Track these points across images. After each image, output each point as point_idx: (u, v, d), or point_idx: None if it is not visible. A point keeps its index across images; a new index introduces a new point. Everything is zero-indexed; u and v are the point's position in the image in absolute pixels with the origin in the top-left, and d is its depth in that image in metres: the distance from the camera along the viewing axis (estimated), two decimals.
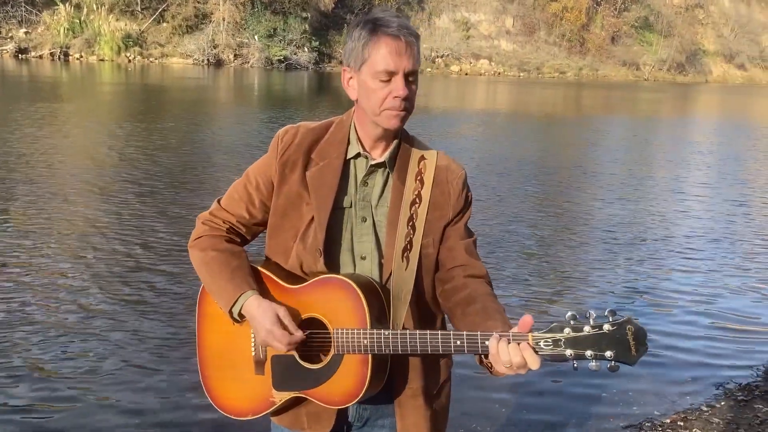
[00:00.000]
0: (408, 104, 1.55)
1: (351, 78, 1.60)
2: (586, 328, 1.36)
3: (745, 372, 4.38)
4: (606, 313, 1.37)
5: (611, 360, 1.35)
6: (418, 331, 1.48)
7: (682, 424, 3.67)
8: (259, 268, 1.65)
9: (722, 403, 3.93)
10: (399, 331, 1.49)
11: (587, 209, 8.89)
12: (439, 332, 1.47)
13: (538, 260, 6.49)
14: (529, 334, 1.38)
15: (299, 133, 1.66)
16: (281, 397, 1.61)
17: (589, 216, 8.49)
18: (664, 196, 10.01)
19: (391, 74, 1.51)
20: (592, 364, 1.37)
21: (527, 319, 1.39)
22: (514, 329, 1.41)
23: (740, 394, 4.05)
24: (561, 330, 1.37)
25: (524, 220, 8.03)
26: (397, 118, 1.55)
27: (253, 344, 1.63)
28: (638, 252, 6.95)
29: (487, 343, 1.41)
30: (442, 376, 1.71)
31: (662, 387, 4.12)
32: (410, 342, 1.48)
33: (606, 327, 1.35)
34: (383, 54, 1.51)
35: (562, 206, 8.96)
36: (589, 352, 1.36)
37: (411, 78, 1.54)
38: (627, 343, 1.35)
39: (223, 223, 1.69)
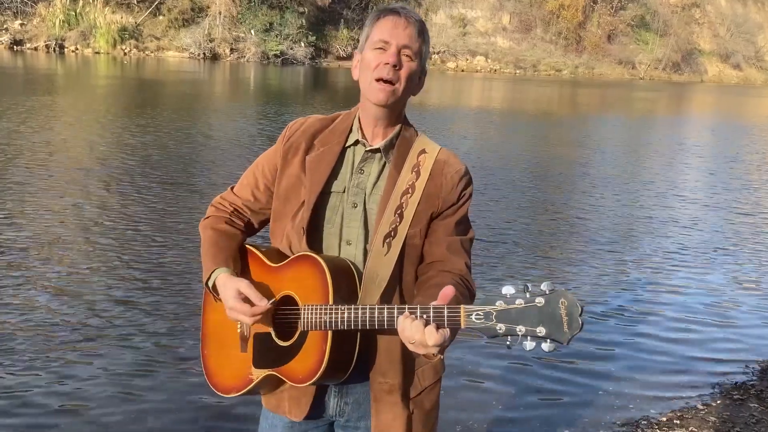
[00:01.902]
0: (396, 77, 1.58)
1: (358, 61, 1.67)
2: (518, 301, 1.30)
3: (741, 371, 4.41)
4: (542, 287, 1.29)
5: (543, 337, 1.27)
6: (361, 306, 1.49)
7: (678, 422, 3.68)
8: (252, 248, 1.73)
9: (718, 402, 3.95)
10: (352, 306, 1.49)
11: (583, 209, 8.90)
12: (368, 306, 1.48)
13: (531, 258, 6.49)
14: (461, 306, 1.35)
15: (307, 122, 1.74)
16: (258, 374, 1.64)
17: (585, 216, 8.51)
18: (660, 194, 10.03)
19: (386, 44, 1.58)
20: (527, 344, 1.29)
21: (447, 291, 1.38)
22: (435, 302, 1.39)
23: (736, 393, 4.07)
24: (493, 303, 1.32)
25: (518, 219, 8.04)
26: (383, 92, 1.58)
27: (239, 322, 1.67)
28: (634, 251, 6.96)
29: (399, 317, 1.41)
30: (426, 379, 1.69)
31: (658, 385, 4.14)
32: (356, 315, 1.48)
33: (538, 300, 1.28)
34: (381, 28, 1.61)
35: (557, 206, 8.97)
36: (520, 328, 1.29)
37: (406, 53, 1.59)
38: (559, 319, 1.26)
39: (229, 205, 1.79)
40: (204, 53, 34.38)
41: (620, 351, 4.55)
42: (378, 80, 1.58)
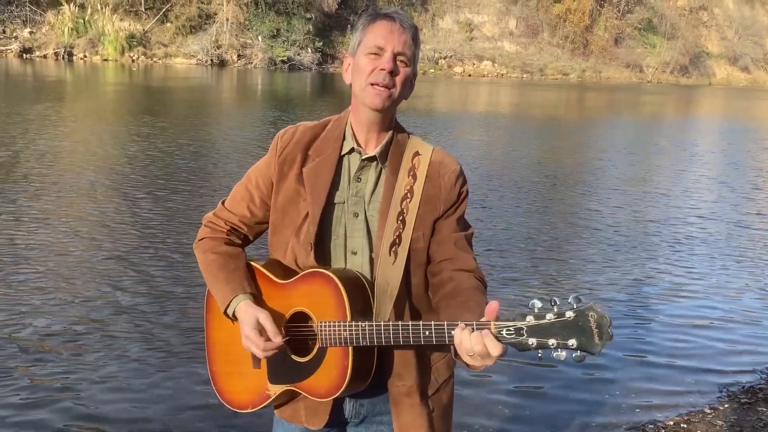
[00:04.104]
0: (392, 83, 1.58)
1: (349, 65, 1.66)
2: (549, 316, 1.33)
3: (749, 375, 4.37)
4: (570, 300, 1.33)
5: (575, 349, 1.31)
6: (391, 323, 1.49)
7: (685, 426, 3.66)
8: (256, 265, 1.69)
9: (726, 406, 3.92)
10: (375, 323, 1.50)
11: (590, 212, 8.87)
12: (410, 323, 1.48)
13: (540, 258, 6.48)
14: (492, 322, 1.36)
15: (298, 132, 1.71)
16: (275, 390, 1.64)
17: (592, 219, 8.48)
18: (669, 199, 9.99)
19: (380, 50, 1.57)
20: (558, 354, 1.33)
21: (493, 305, 1.38)
22: (483, 318, 1.40)
23: (744, 397, 4.05)
24: (523, 318, 1.34)
25: (525, 222, 8.03)
26: (379, 96, 1.57)
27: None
28: (642, 255, 6.93)
29: (452, 332, 1.41)
30: (441, 375, 1.71)
31: (665, 389, 4.11)
32: (384, 333, 1.49)
33: (568, 314, 1.32)
34: (376, 32, 1.59)
35: (565, 209, 8.95)
36: (552, 341, 1.32)
37: (401, 59, 1.59)
38: (590, 332, 1.30)
39: (225, 224, 1.75)
40: (211, 60, 34.56)
41: (627, 354, 4.53)
42: (373, 84, 1.58)
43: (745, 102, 37.87)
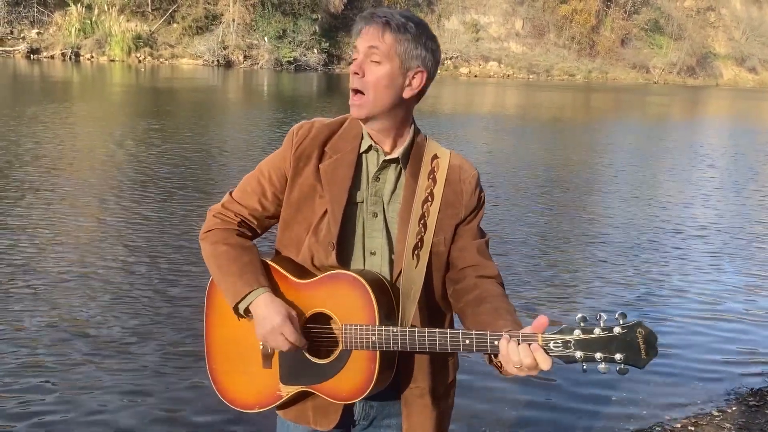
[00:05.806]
0: (362, 84, 1.52)
1: None
2: (596, 331, 1.36)
3: (757, 377, 4.34)
4: (616, 316, 1.36)
5: (621, 363, 1.35)
6: (426, 329, 1.48)
7: (693, 429, 3.64)
8: (269, 261, 1.65)
9: (733, 408, 3.90)
10: (408, 329, 1.49)
11: (598, 214, 8.84)
12: (448, 331, 1.47)
13: (547, 264, 6.46)
14: (539, 335, 1.37)
15: (314, 127, 1.67)
16: (288, 391, 1.61)
17: (600, 221, 8.45)
18: (677, 202, 9.95)
19: (356, 51, 1.56)
20: (602, 366, 1.36)
21: (542, 320, 1.38)
22: (527, 329, 1.40)
23: (752, 399, 4.02)
24: (571, 332, 1.37)
25: (533, 225, 8.01)
26: (354, 107, 1.56)
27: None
28: (650, 257, 6.90)
29: (496, 342, 1.41)
30: (449, 377, 1.72)
31: (673, 391, 4.09)
32: (419, 340, 1.48)
33: (616, 330, 1.35)
34: (355, 38, 1.56)
35: (572, 211, 8.92)
36: (598, 355, 1.36)
37: (374, 59, 1.52)
38: (637, 347, 1.35)
39: (235, 216, 1.69)
40: (218, 60, 34.64)
41: None
42: (352, 91, 1.56)
43: (753, 102, 37.68)
